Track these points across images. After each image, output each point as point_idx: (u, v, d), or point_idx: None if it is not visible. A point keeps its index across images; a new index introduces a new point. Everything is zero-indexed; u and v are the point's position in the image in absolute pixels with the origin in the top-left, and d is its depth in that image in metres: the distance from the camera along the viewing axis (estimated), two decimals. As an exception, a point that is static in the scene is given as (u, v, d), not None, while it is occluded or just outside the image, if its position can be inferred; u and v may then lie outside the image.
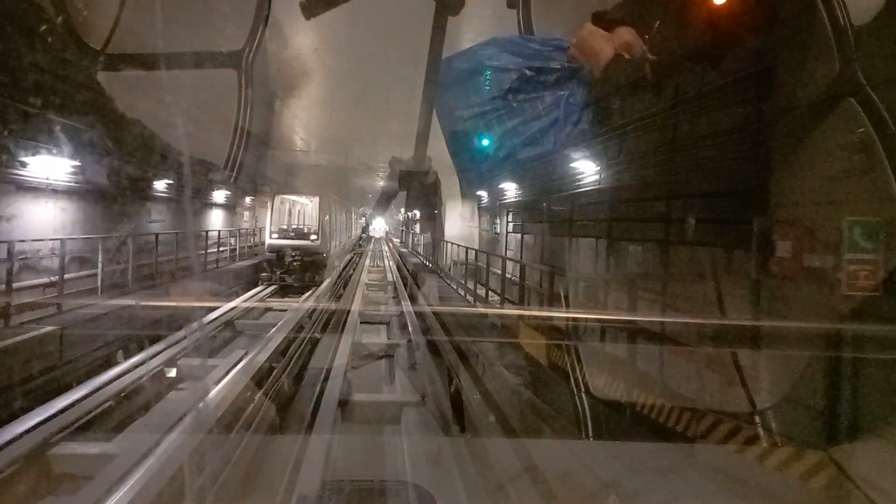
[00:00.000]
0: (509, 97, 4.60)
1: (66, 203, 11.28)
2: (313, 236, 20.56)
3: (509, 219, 14.85)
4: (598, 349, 7.61)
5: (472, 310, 12.68)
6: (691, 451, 4.98)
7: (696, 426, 5.32)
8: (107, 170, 11.58)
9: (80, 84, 10.20)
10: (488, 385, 7.54)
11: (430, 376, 8.56)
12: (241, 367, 8.55)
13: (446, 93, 4.70)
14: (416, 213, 34.75)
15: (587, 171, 8.89)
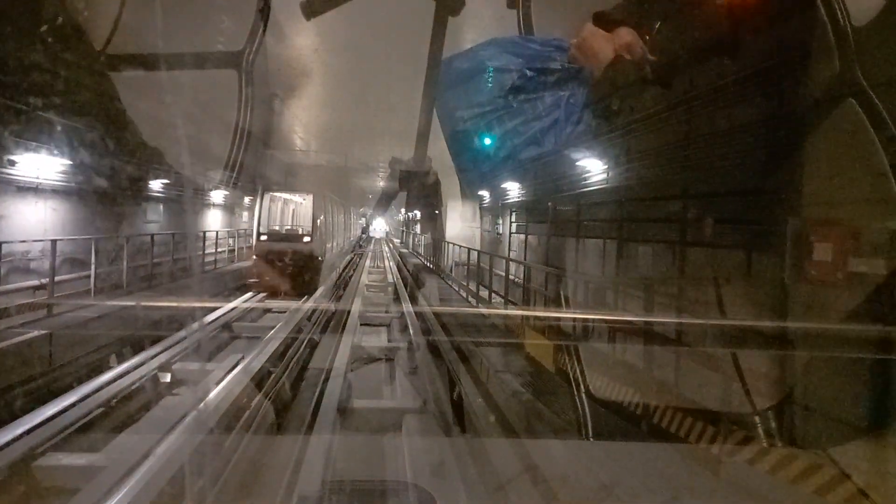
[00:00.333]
0: (510, 97, 4.60)
1: (58, 203, 11.11)
2: (306, 238, 18.88)
3: (512, 219, 14.74)
4: (599, 350, 7.60)
5: (473, 310, 12.68)
6: (691, 451, 4.98)
7: (696, 426, 5.32)
8: (101, 169, 11.46)
9: (74, 82, 10.11)
10: (491, 388, 7.51)
11: (432, 380, 8.50)
12: (237, 371, 8.42)
13: (447, 93, 4.70)
14: (417, 213, 34.80)
15: (593, 170, 8.79)
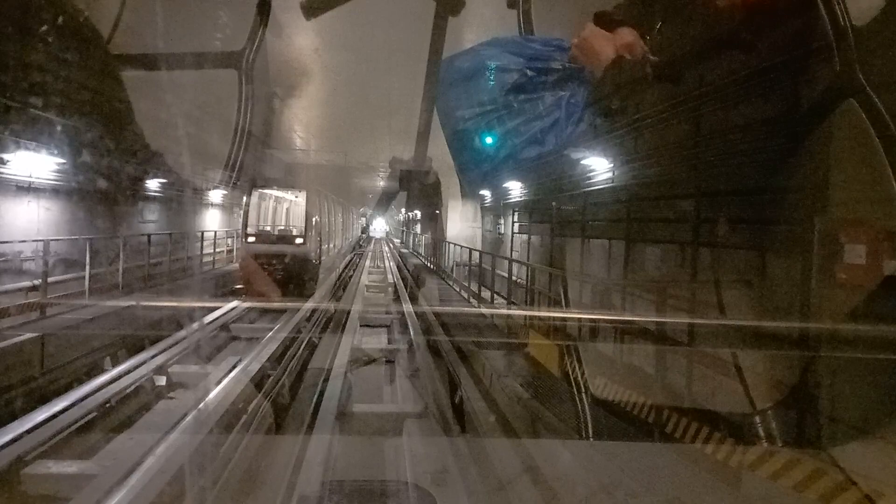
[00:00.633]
0: (511, 96, 4.59)
1: (52, 202, 10.97)
2: (299, 239, 17.71)
3: (514, 219, 14.58)
4: (601, 350, 7.60)
5: (474, 310, 12.67)
6: (691, 451, 4.98)
7: (696, 426, 5.32)
8: (96, 168, 11.34)
9: (70, 81, 10.05)
10: (493, 392, 7.49)
11: (433, 383, 8.48)
12: (234, 374, 8.35)
13: (447, 93, 4.68)
14: (417, 213, 34.82)
15: (598, 169, 8.67)
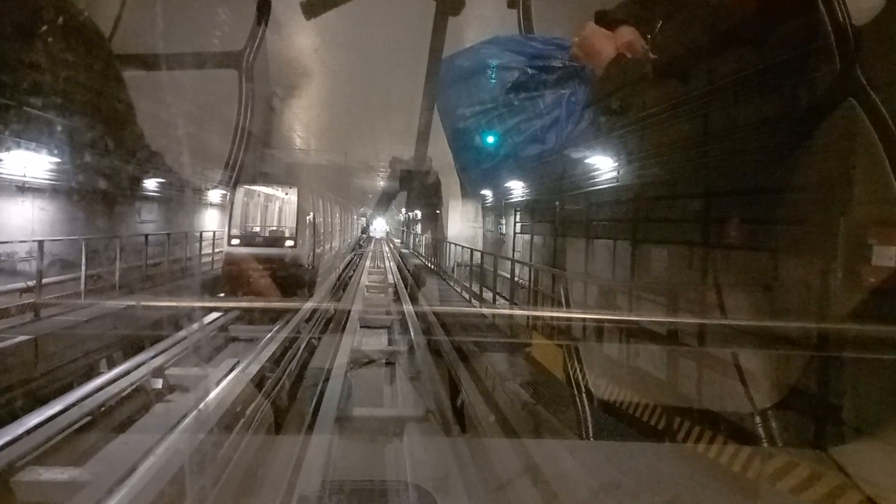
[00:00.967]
0: (511, 95, 4.57)
1: (46, 202, 10.87)
2: (289, 242, 15.91)
3: (516, 219, 14.49)
4: (601, 350, 7.59)
5: (474, 310, 12.67)
6: (691, 451, 4.98)
7: (696, 426, 5.32)
8: (93, 167, 11.30)
9: (68, 80, 10.00)
10: (494, 393, 7.47)
11: (434, 386, 8.46)
12: (232, 376, 8.35)
13: (448, 91, 4.66)
14: (417, 213, 34.80)
15: (602, 167, 8.60)
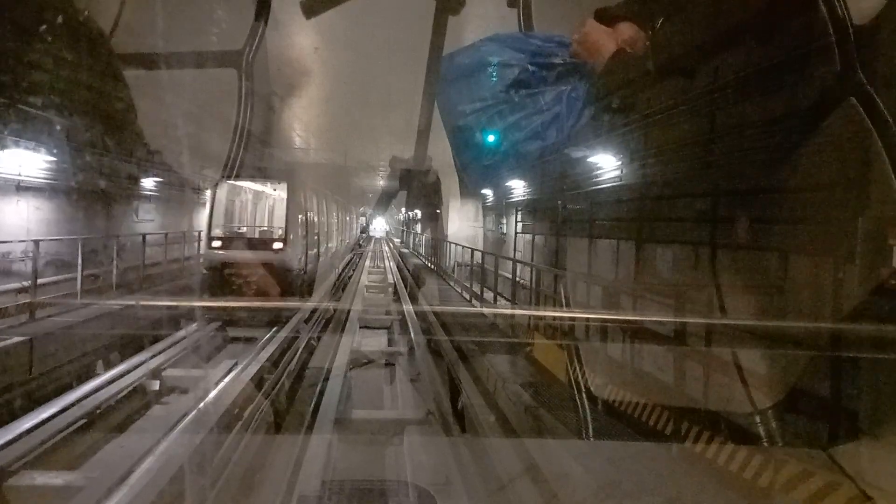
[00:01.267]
0: (512, 92, 4.55)
1: (42, 202, 10.84)
2: (278, 244, 13.82)
3: (518, 218, 14.42)
4: (603, 350, 7.59)
5: (474, 310, 12.67)
6: (691, 451, 4.98)
7: (695, 426, 5.31)
8: (91, 167, 11.30)
9: (66, 80, 9.99)
10: (495, 395, 7.47)
11: (435, 387, 8.47)
12: (231, 377, 8.38)
13: (448, 89, 4.65)
14: (418, 212, 34.81)
15: (606, 166, 8.52)
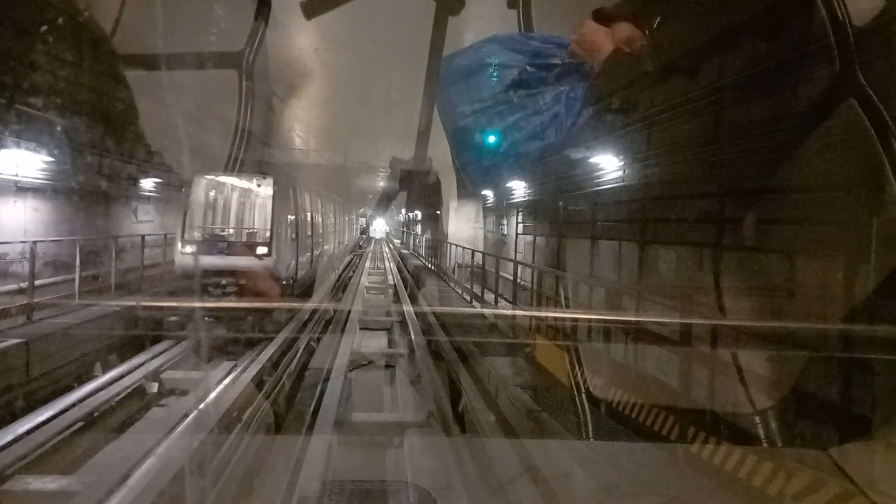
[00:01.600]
0: (510, 93, 4.56)
1: (40, 202, 10.77)
2: (262, 249, 11.94)
3: (519, 219, 14.40)
4: (602, 351, 7.59)
5: (474, 310, 12.67)
6: (691, 451, 4.98)
7: (695, 426, 5.31)
8: (89, 167, 11.24)
9: (66, 80, 9.97)
10: (497, 397, 7.47)
11: (436, 389, 8.47)
12: (230, 379, 8.40)
13: (446, 91, 4.66)
14: (418, 213, 34.85)
15: (608, 167, 8.50)
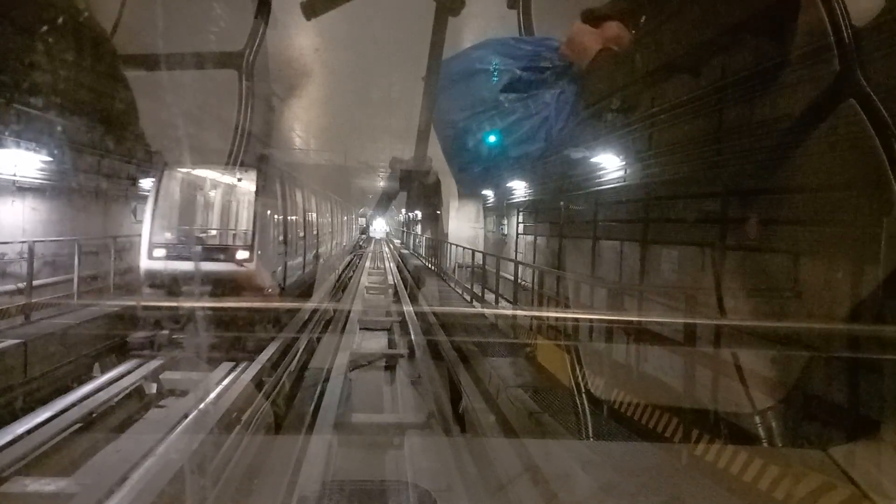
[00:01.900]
0: (503, 97, 4.58)
1: (38, 202, 10.69)
2: (243, 253, 10.40)
3: (519, 219, 14.39)
4: (603, 351, 7.60)
5: (474, 310, 12.67)
6: (691, 452, 4.98)
7: (695, 426, 5.32)
8: (88, 167, 11.22)
9: (67, 80, 9.93)
10: (498, 398, 7.47)
11: (436, 390, 8.45)
12: (230, 379, 8.40)
13: (440, 96, 4.68)
14: (418, 213, 34.86)
15: (609, 167, 8.52)
